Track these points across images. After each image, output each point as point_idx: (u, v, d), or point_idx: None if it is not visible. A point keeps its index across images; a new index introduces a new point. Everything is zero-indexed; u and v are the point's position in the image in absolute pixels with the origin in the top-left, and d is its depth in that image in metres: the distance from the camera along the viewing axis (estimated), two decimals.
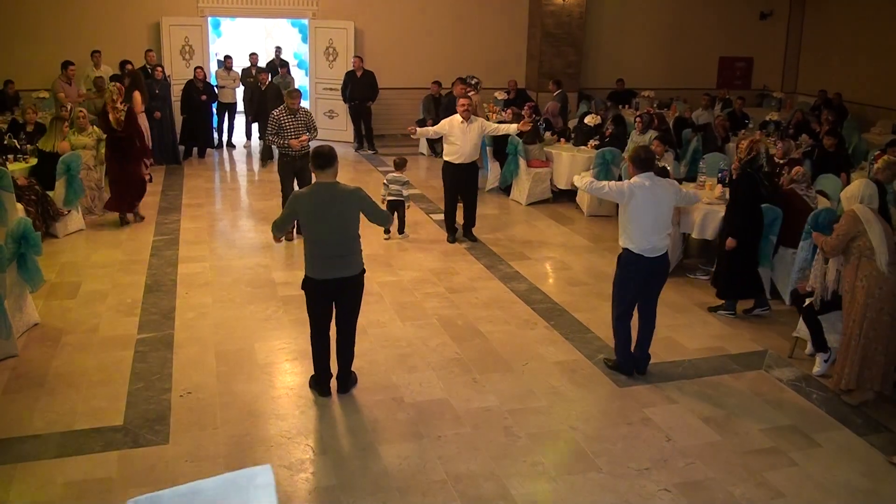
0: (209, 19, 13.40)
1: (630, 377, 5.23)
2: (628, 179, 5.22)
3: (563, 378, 5.21)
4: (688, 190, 5.45)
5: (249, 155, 12.67)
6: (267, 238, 5.24)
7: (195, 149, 12.28)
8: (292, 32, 16.77)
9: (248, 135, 13.21)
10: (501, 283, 6.96)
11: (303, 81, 14.77)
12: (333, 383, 4.93)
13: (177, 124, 11.94)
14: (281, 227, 4.97)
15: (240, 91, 12.80)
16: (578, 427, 4.62)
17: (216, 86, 12.45)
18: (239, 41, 15.95)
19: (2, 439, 4.30)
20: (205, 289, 6.64)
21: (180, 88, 12.08)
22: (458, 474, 4.10)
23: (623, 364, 5.26)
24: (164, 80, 11.49)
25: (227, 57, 12.77)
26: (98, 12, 12.42)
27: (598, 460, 4.28)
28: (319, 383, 4.90)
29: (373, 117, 12.94)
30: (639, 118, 9.85)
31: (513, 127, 8.21)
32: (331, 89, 13.36)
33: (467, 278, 7.09)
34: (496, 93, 12.82)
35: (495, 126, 8.33)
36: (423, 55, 13.97)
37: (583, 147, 10.05)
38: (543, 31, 14.12)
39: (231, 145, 13.07)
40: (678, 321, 6.21)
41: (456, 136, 7.89)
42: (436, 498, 3.92)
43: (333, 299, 4.74)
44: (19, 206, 6.82)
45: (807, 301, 5.41)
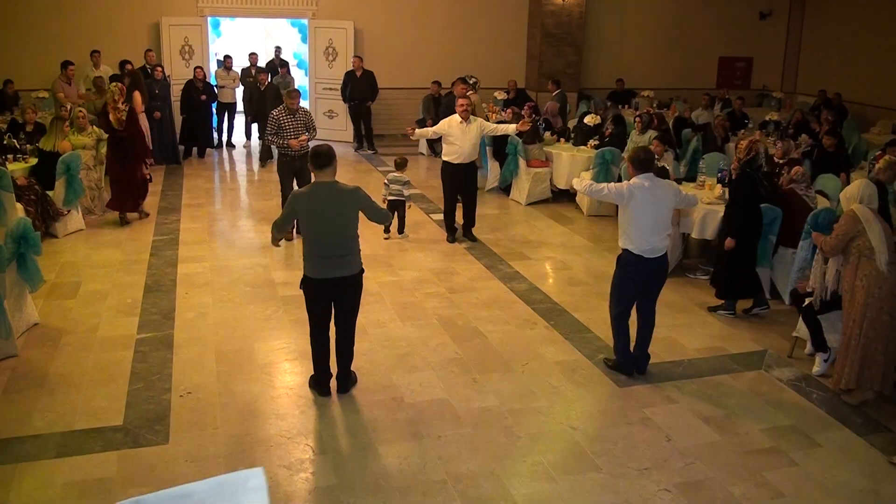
0: (209, 19, 13.41)
1: (630, 377, 5.23)
2: (628, 180, 5.23)
3: (563, 378, 5.21)
4: (686, 192, 5.44)
5: (249, 155, 12.67)
6: (267, 238, 5.24)
7: (195, 149, 12.29)
8: (292, 32, 16.77)
9: (248, 135, 13.22)
10: (501, 283, 6.97)
11: (302, 81, 14.77)
12: (333, 383, 4.93)
13: (176, 124, 11.94)
14: (281, 228, 4.97)
15: (239, 91, 12.81)
16: (578, 427, 4.62)
17: (216, 86, 12.46)
18: (238, 41, 15.94)
19: (2, 439, 4.30)
20: (205, 289, 6.64)
21: (180, 88, 12.09)
22: (458, 474, 4.10)
23: (623, 364, 5.27)
24: (164, 80, 11.49)
25: (227, 57, 12.77)
26: (98, 12, 12.42)
27: (598, 460, 4.28)
28: (319, 383, 4.91)
29: (372, 117, 12.95)
30: (638, 118, 9.85)
31: (511, 127, 8.21)
32: (330, 89, 13.37)
33: (467, 278, 7.09)
34: (496, 93, 12.83)
35: (494, 126, 8.34)
36: (423, 55, 13.97)
37: (582, 147, 10.06)
38: (543, 31, 14.12)
39: (231, 145, 13.08)
40: (678, 321, 6.22)
41: (455, 136, 7.89)
42: (436, 498, 3.92)
43: (332, 299, 4.74)
44: (19, 206, 6.83)
45: (806, 301, 5.41)
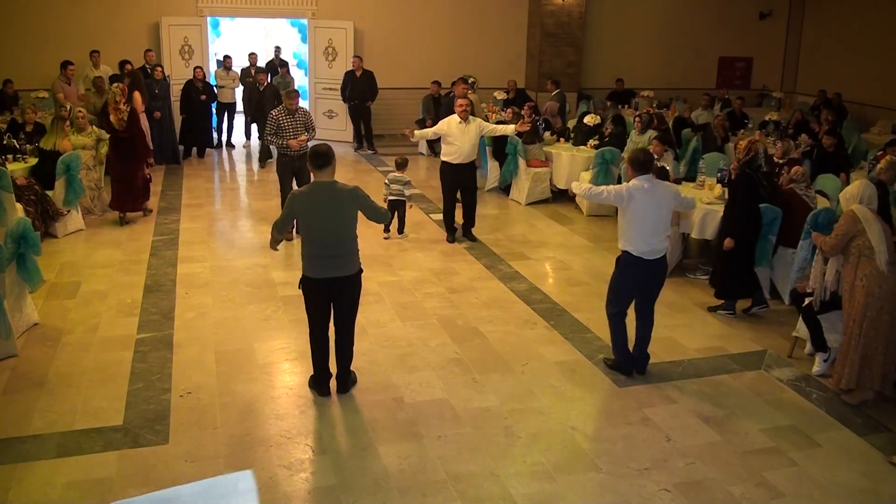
0: (208, 19, 13.41)
1: (629, 377, 5.23)
2: (627, 182, 5.23)
3: (563, 378, 5.21)
4: (684, 195, 5.43)
5: (249, 155, 12.66)
6: (267, 238, 5.24)
7: (194, 149, 12.29)
8: (291, 32, 16.76)
9: (248, 135, 13.22)
10: (501, 283, 6.97)
11: (302, 81, 14.77)
12: (333, 383, 4.93)
13: (176, 124, 11.94)
14: (281, 228, 4.96)
15: (239, 91, 12.81)
16: (578, 427, 4.62)
17: (215, 86, 12.46)
18: (238, 41, 15.93)
19: (2, 439, 4.29)
20: (204, 289, 6.64)
21: (179, 88, 12.09)
22: (458, 474, 4.10)
23: (622, 363, 5.27)
24: (164, 80, 11.49)
25: (227, 57, 12.77)
26: (98, 12, 12.42)
27: (598, 460, 4.28)
28: (319, 383, 4.90)
29: (372, 117, 12.95)
30: (638, 118, 9.85)
31: (510, 128, 8.22)
32: (330, 89, 13.37)
33: (467, 278, 7.09)
34: (496, 93, 12.84)
35: (493, 127, 8.35)
36: (423, 55, 13.97)
37: (582, 147, 10.06)
38: (543, 31, 14.12)
39: (230, 145, 13.08)
40: (678, 321, 6.22)
41: (454, 137, 7.89)
42: (436, 498, 3.92)
43: (331, 299, 4.74)
44: (19, 206, 6.82)
45: (806, 301, 5.41)
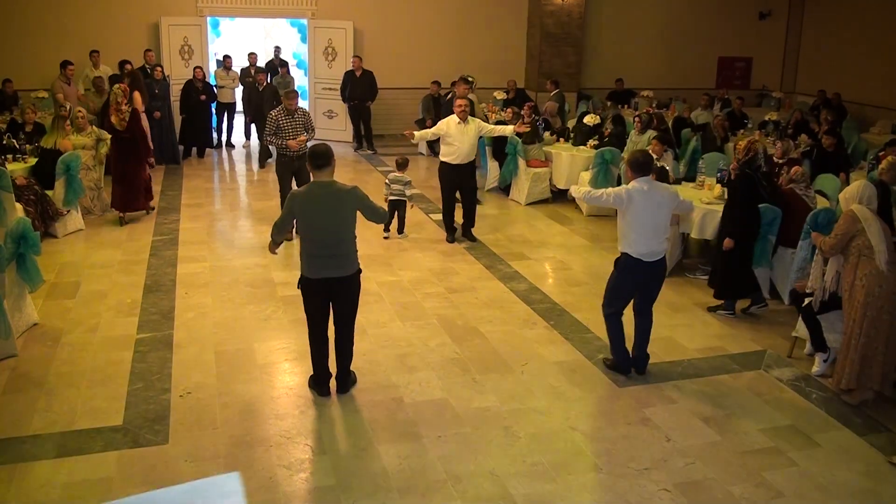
0: (208, 19, 13.41)
1: (629, 376, 5.23)
2: (626, 184, 5.22)
3: (563, 378, 5.21)
4: (683, 198, 5.42)
5: (248, 155, 12.66)
6: (266, 238, 5.22)
7: (194, 149, 12.29)
8: (291, 32, 16.74)
9: (248, 135, 13.22)
10: (501, 283, 6.97)
11: (302, 81, 14.76)
12: (333, 383, 4.93)
13: (176, 124, 11.94)
14: (281, 229, 4.96)
15: (239, 91, 12.81)
16: (578, 427, 4.62)
17: (215, 86, 12.46)
18: (238, 41, 15.92)
19: (1, 439, 4.29)
20: (204, 289, 6.64)
21: (179, 88, 12.09)
22: (458, 474, 4.10)
23: (621, 363, 5.26)
24: (164, 80, 11.49)
25: (227, 57, 12.77)
26: (98, 12, 12.43)
27: (598, 460, 4.28)
28: (319, 383, 4.90)
29: (372, 117, 12.95)
30: (638, 118, 9.85)
31: (509, 128, 8.23)
32: (330, 89, 13.37)
33: (467, 278, 7.09)
34: (495, 93, 12.83)
35: (492, 127, 8.35)
36: (423, 55, 13.97)
37: (582, 147, 10.06)
38: (543, 31, 14.12)
39: (230, 145, 13.08)
40: (677, 321, 6.22)
41: (453, 137, 7.89)
42: (435, 498, 3.92)
43: (330, 299, 4.73)
44: (18, 206, 6.82)
45: (806, 301, 5.41)
